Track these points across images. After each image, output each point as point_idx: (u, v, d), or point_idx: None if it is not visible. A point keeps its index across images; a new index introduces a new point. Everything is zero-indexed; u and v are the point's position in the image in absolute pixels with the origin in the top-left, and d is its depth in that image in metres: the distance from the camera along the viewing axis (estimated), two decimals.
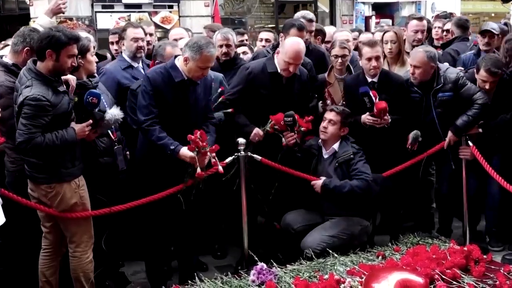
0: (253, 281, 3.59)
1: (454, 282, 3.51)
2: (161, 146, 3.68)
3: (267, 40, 5.30)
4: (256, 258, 3.79)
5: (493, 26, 5.13)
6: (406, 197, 4.75)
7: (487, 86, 4.35)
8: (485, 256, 3.94)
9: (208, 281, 3.65)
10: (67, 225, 3.50)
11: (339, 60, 4.67)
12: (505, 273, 3.66)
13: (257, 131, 4.13)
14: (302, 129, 4.15)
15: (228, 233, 4.81)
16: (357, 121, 4.33)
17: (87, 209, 3.52)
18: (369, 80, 4.42)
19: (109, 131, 3.73)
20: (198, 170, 3.65)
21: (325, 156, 4.26)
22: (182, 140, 3.69)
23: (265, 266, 3.68)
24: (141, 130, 3.78)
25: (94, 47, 3.78)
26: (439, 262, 3.73)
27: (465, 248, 3.96)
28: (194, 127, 3.72)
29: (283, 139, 4.14)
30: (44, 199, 3.41)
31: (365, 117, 4.31)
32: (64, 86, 3.39)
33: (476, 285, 3.48)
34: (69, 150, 3.39)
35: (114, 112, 3.56)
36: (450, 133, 4.42)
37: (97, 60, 3.81)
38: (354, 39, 5.82)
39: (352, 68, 4.83)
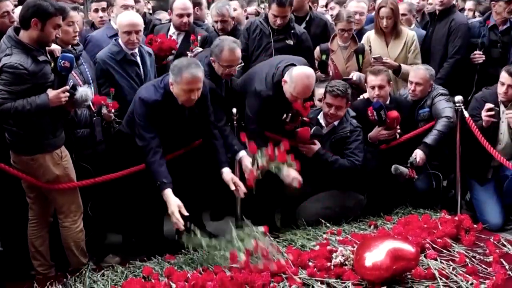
0: None
1: (445, 251, 3.55)
2: (152, 172, 3.58)
3: (257, 15, 5.21)
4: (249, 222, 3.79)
5: None
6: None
7: (504, 89, 4.19)
8: (475, 226, 3.99)
9: (201, 250, 3.64)
10: (54, 196, 3.51)
11: (345, 34, 4.68)
12: (495, 242, 3.71)
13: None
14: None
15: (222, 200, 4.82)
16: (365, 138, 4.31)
17: (72, 180, 3.52)
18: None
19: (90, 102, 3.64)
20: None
21: (324, 132, 4.24)
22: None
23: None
24: (143, 148, 3.63)
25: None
26: (430, 231, 3.77)
27: (456, 218, 4.01)
28: (194, 138, 3.82)
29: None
30: (27, 171, 3.40)
31: (379, 133, 4.30)
32: (46, 56, 3.32)
33: (466, 253, 3.52)
34: (50, 120, 3.34)
35: (83, 92, 3.41)
36: (420, 152, 4.25)
37: (77, 30, 3.73)
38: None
39: (356, 38, 4.81)
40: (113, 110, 3.76)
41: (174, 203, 3.45)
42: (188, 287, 3.06)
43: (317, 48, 4.79)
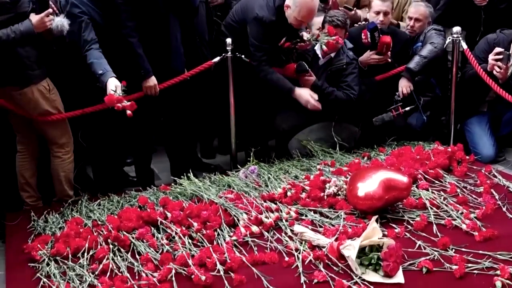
0: (241, 179, 3.65)
1: (436, 182, 3.59)
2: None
3: None
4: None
5: None
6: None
7: None
8: (467, 157, 4.02)
9: (195, 180, 3.65)
10: (44, 128, 3.50)
11: None
12: (486, 173, 3.75)
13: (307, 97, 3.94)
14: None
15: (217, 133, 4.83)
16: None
17: (61, 113, 3.50)
18: None
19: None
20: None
21: (320, 63, 4.17)
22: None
23: (252, 167, 3.74)
24: None
25: None
26: (422, 162, 3.80)
27: (449, 149, 4.03)
28: None
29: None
30: (15, 105, 3.37)
31: (369, 57, 4.24)
32: None
33: (457, 184, 3.56)
34: (32, 49, 3.28)
35: (59, 22, 3.30)
36: (403, 79, 4.26)
37: None
38: None
39: None
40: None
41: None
42: (183, 216, 3.09)
43: None
